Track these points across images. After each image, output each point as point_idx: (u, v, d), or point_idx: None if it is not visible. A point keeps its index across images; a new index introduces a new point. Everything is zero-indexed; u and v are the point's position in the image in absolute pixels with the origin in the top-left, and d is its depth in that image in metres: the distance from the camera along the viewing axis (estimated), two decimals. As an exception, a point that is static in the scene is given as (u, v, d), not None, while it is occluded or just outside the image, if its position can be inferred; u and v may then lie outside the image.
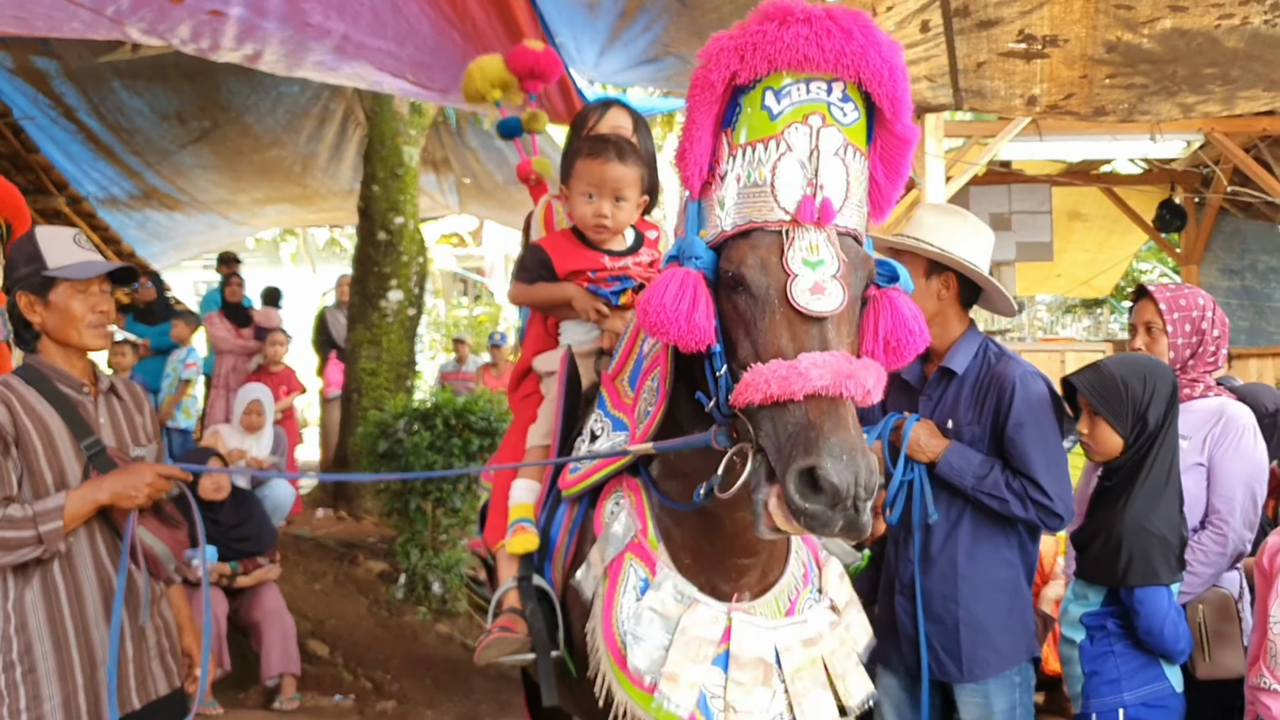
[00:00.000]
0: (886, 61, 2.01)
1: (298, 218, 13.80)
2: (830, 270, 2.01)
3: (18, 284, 2.98)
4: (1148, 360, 3.26)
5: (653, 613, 2.42)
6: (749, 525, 2.27)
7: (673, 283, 2.07)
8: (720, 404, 2.12)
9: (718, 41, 2.05)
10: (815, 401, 1.91)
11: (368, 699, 5.88)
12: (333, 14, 5.18)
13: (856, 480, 1.85)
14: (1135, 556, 3.02)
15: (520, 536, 2.77)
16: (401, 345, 8.26)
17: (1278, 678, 2.68)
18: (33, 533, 2.75)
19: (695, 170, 2.13)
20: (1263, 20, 4.67)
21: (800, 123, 2.02)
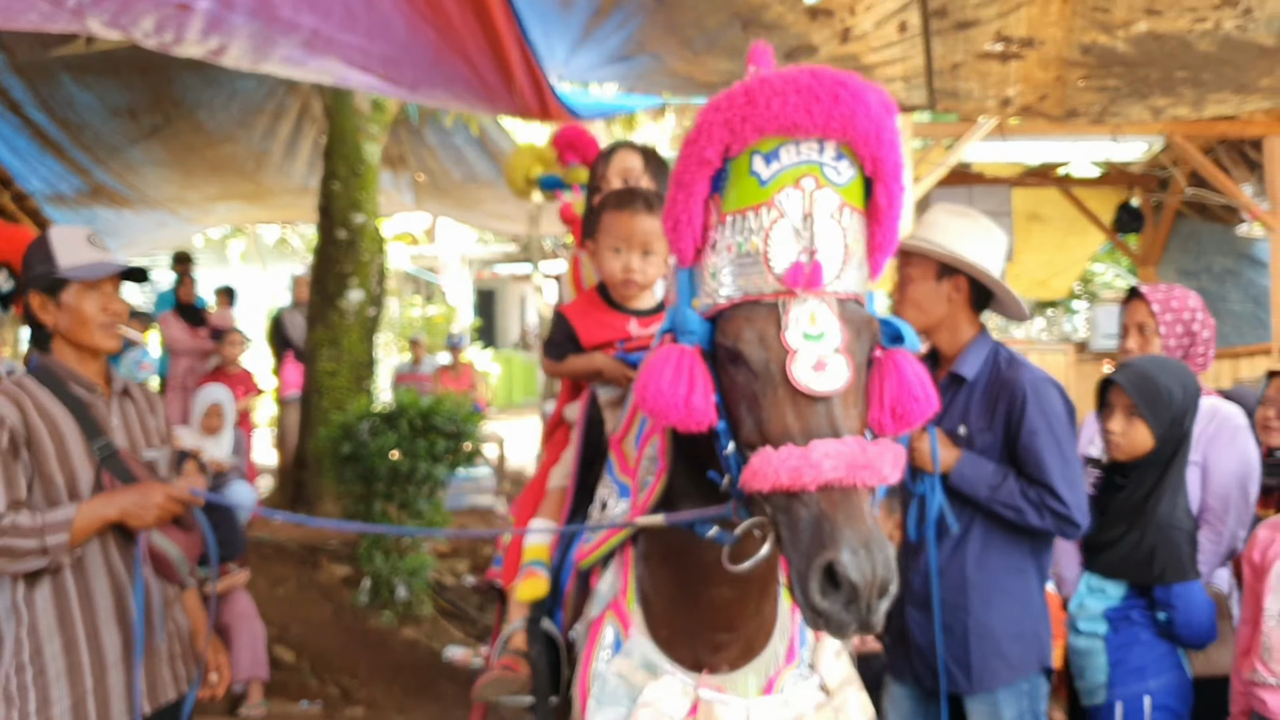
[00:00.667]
0: (874, 121, 1.94)
1: (249, 215, 13.61)
2: (832, 343, 1.92)
3: (31, 284, 2.97)
4: (1180, 365, 3.29)
5: (618, 678, 2.37)
6: (729, 602, 2.32)
7: (668, 365, 1.99)
8: (734, 481, 2.02)
9: (706, 113, 1.99)
10: (828, 493, 1.82)
11: (335, 705, 5.78)
12: (303, 8, 5.06)
13: (874, 573, 1.77)
14: (1170, 555, 3.11)
15: (530, 582, 2.75)
16: (362, 345, 8.14)
17: (1274, 672, 2.70)
18: (38, 543, 2.73)
19: (689, 240, 2.05)
20: (1234, 25, 4.71)
21: (792, 186, 1.94)
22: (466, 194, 12.48)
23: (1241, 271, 12.12)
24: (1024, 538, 3.22)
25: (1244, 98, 5.62)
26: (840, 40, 5.01)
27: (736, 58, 5.39)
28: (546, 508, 2.98)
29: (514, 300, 30.48)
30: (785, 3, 4.75)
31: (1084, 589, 3.28)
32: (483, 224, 16.74)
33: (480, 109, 6.39)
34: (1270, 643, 2.74)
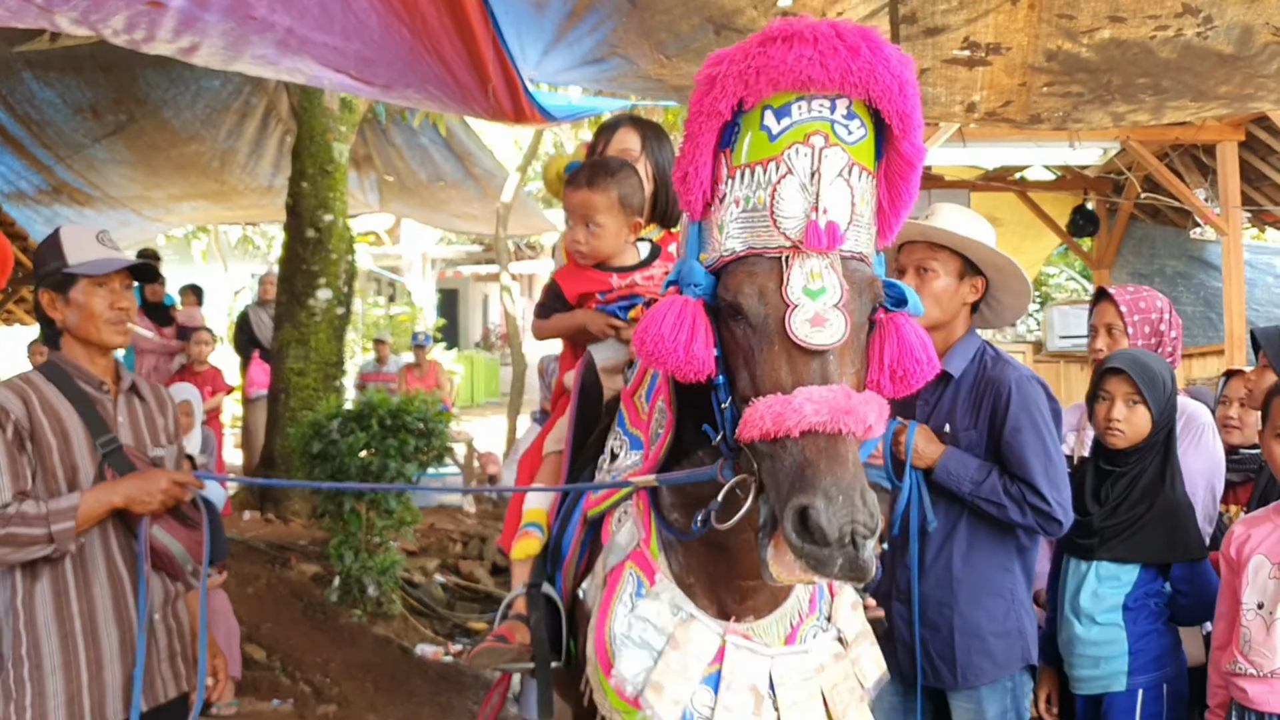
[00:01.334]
0: (896, 76, 1.92)
1: (214, 214, 13.56)
2: (832, 299, 1.93)
3: (41, 281, 3.02)
4: (1157, 355, 3.40)
5: (645, 622, 2.35)
6: (753, 547, 2.23)
7: (670, 311, 2.01)
8: (727, 436, 2.05)
9: (720, 65, 1.97)
10: (812, 439, 1.84)
11: (307, 703, 5.79)
12: (279, 7, 5.07)
13: (853, 520, 1.78)
14: (1190, 531, 3.23)
15: (525, 541, 2.78)
16: (330, 345, 8.14)
17: (1253, 663, 2.80)
18: (44, 530, 2.75)
19: (698, 193, 2.05)
20: (1195, 33, 4.84)
21: (801, 143, 1.93)
22: (432, 194, 12.50)
23: (1193, 274, 12.38)
24: (1010, 536, 3.25)
25: (1202, 105, 5.76)
26: (811, 45, 5.08)
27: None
28: (543, 473, 3.00)
29: (476, 300, 30.45)
30: (759, 8, 4.82)
31: (1094, 579, 3.33)
32: (447, 224, 16.76)
33: (453, 110, 6.41)
34: (1250, 634, 2.84)
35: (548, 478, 2.94)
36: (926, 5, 4.75)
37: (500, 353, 25.42)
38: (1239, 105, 5.95)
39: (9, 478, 2.80)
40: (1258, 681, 2.79)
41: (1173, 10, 4.65)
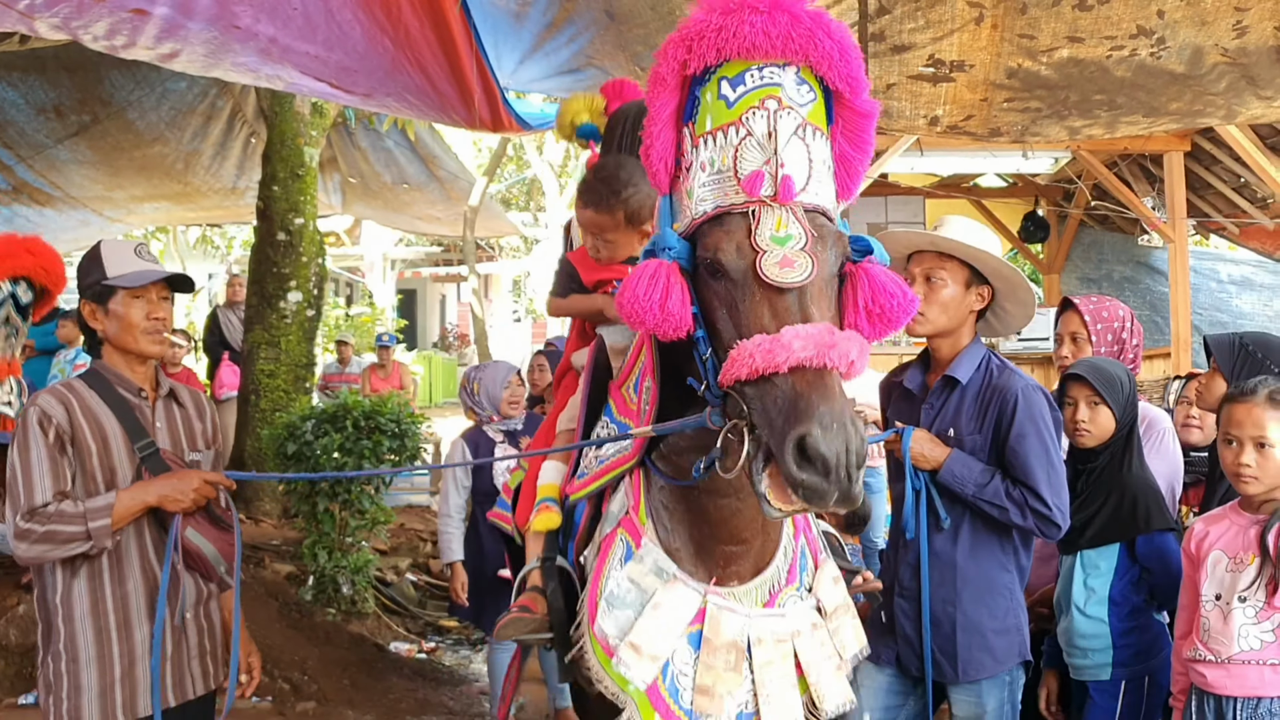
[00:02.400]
0: (836, 42, 2.04)
1: (176, 215, 13.51)
2: (798, 244, 2.03)
3: (83, 293, 3.12)
4: (1114, 360, 3.61)
5: (630, 582, 2.44)
6: (735, 512, 2.40)
7: (645, 273, 2.10)
8: (711, 386, 2.14)
9: (667, 41, 2.10)
10: (800, 373, 1.92)
11: (286, 700, 5.86)
12: (263, 17, 5.15)
13: (847, 448, 1.85)
14: (1151, 502, 3.42)
15: (544, 515, 2.85)
16: (300, 347, 8.21)
17: (1212, 650, 2.99)
18: (82, 528, 2.86)
19: (661, 164, 2.17)
20: (1149, 53, 5.07)
21: (757, 107, 2.05)
22: (396, 196, 12.55)
23: (1140, 279, 12.72)
24: (1008, 536, 3.35)
25: (1154, 120, 6.00)
26: (783, 60, 5.25)
27: (683, 73, 5.63)
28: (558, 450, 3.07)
29: (434, 301, 30.43)
30: None
31: (1080, 570, 3.50)
32: (410, 226, 16.78)
33: (431, 118, 6.52)
34: (1209, 624, 3.01)
35: (560, 455, 3.01)
36: (894, 24, 4.94)
37: (458, 353, 25.50)
38: (1189, 121, 6.20)
39: (50, 479, 2.90)
40: (1215, 667, 2.98)
41: (1128, 32, 4.88)
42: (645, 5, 4.96)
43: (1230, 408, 3.08)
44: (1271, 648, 2.91)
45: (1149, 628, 3.51)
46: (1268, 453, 2.97)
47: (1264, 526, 2.96)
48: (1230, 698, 2.94)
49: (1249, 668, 2.92)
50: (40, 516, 2.86)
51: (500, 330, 24.85)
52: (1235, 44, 4.97)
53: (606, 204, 3.01)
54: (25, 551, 2.88)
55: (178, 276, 3.20)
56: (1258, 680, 2.91)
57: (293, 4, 5.10)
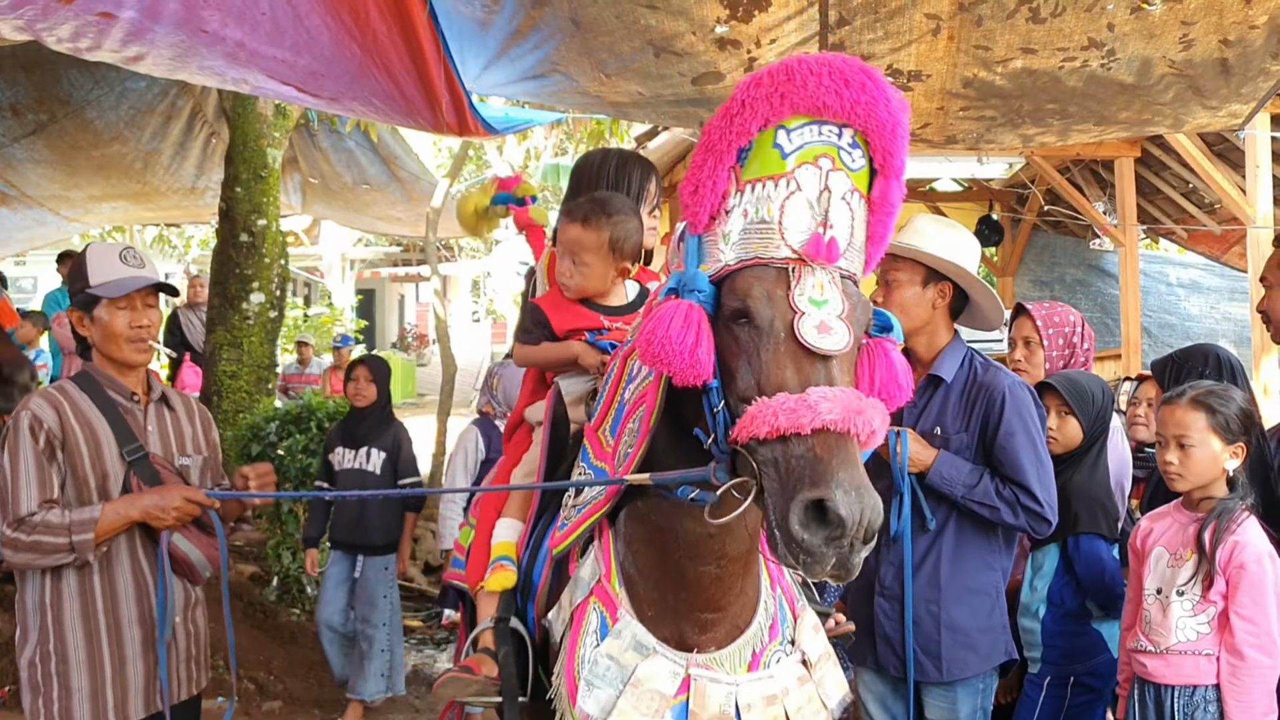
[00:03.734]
0: (894, 116, 2.04)
1: (134, 215, 13.43)
2: (836, 310, 2.01)
3: (72, 300, 3.15)
4: (1094, 374, 3.75)
5: (609, 659, 2.36)
6: (715, 580, 2.37)
7: (676, 316, 2.05)
8: (719, 440, 2.09)
9: (750, 88, 2.06)
10: (823, 437, 1.88)
11: (252, 700, 5.90)
12: (231, 22, 5.16)
13: (863, 517, 1.83)
14: (1081, 511, 3.55)
15: (499, 574, 2.77)
16: (263, 348, 8.22)
17: (1153, 640, 3.14)
18: (66, 540, 2.89)
19: (705, 207, 2.12)
20: (1099, 64, 5.22)
21: (811, 164, 2.03)
22: (356, 197, 12.54)
23: (1091, 281, 12.97)
24: (993, 536, 3.38)
25: (1104, 128, 6.18)
26: (745, 68, 5.35)
27: (646, 80, 5.71)
28: (511, 507, 2.96)
29: (393, 301, 30.32)
30: (697, 33, 5.08)
31: (1030, 572, 3.67)
32: (370, 227, 16.75)
33: (397, 122, 6.55)
34: (1150, 616, 3.17)
35: (516, 512, 2.92)
36: (854, 34, 5.05)
37: (417, 354, 25.45)
38: (1138, 129, 6.39)
39: (37, 487, 2.92)
40: (1155, 657, 3.13)
41: (1079, 44, 5.03)
42: (610, 15, 5.03)
43: (1161, 410, 3.24)
44: (1206, 639, 3.07)
45: (1082, 633, 3.63)
46: (1190, 451, 3.13)
47: (1201, 524, 3.10)
48: (1169, 686, 3.10)
49: (1186, 658, 3.08)
50: (26, 526, 2.88)
51: (460, 330, 24.82)
52: (1182, 56, 5.14)
53: (594, 222, 2.95)
54: (12, 559, 2.92)
55: (163, 285, 3.20)
56: (1193, 670, 3.07)
57: (261, 9, 5.12)
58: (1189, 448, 3.13)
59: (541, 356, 3.08)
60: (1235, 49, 5.09)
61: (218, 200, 11.53)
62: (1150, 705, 3.12)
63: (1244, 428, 3.17)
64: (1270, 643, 3.01)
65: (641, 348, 2.11)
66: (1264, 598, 3.00)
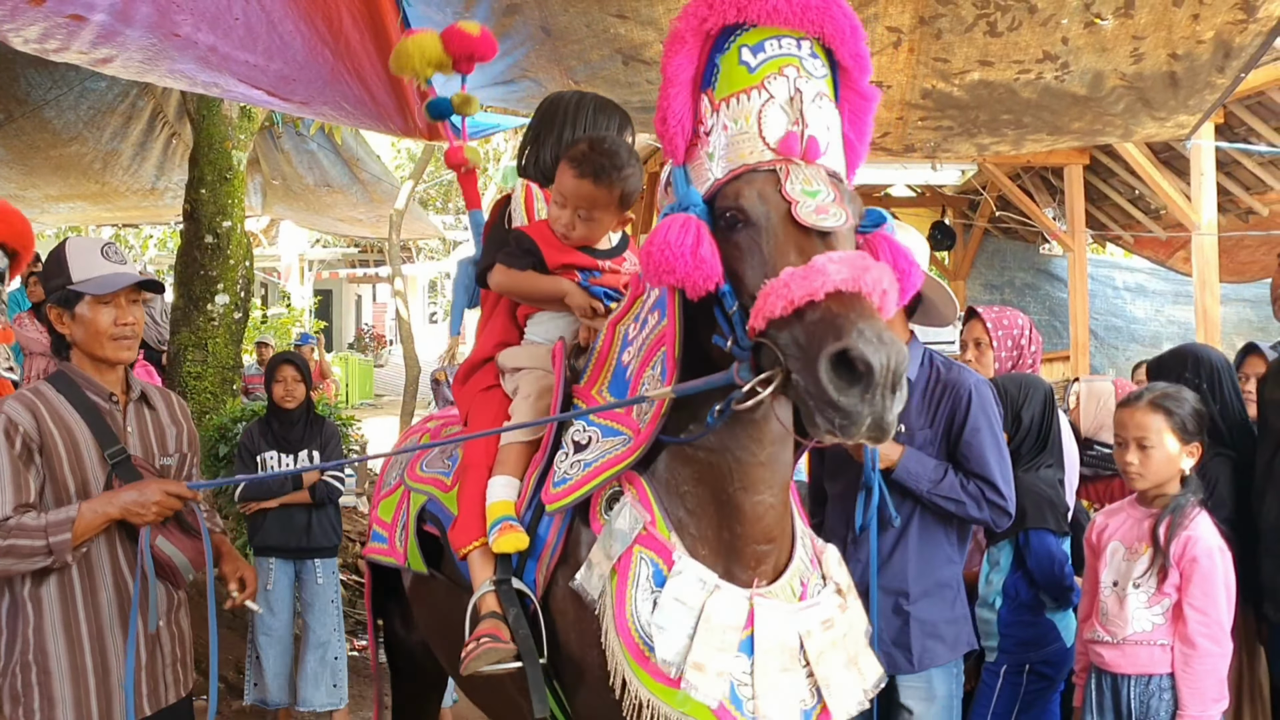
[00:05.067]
0: (848, 19, 2.11)
1: (92, 215, 13.30)
2: (828, 198, 2.04)
3: (48, 296, 3.02)
4: (1028, 375, 3.89)
5: (676, 602, 2.30)
6: (769, 508, 2.37)
7: (674, 225, 2.08)
8: (739, 339, 2.09)
9: (699, 8, 2.12)
10: (838, 298, 1.89)
11: (224, 698, 5.92)
12: (204, 26, 5.20)
13: (889, 360, 1.83)
14: (1030, 504, 3.65)
15: (511, 535, 2.61)
16: (228, 350, 8.21)
17: (1109, 631, 3.30)
18: (43, 542, 2.78)
19: (678, 131, 2.16)
20: (1053, 76, 5.41)
21: (777, 74, 2.08)
22: (318, 198, 12.55)
23: (1040, 285, 13.28)
24: (953, 530, 3.45)
25: (1057, 138, 6.38)
26: (712, 77, 5.48)
27: (615, 87, 5.82)
28: (506, 463, 2.78)
29: (350, 301, 30.20)
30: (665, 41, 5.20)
31: (986, 566, 3.81)
32: (331, 228, 16.74)
33: (368, 126, 6.59)
34: (1106, 608, 3.32)
35: (512, 469, 2.76)
36: (818, 46, 5.21)
37: (374, 354, 25.41)
38: (1089, 138, 6.59)
39: (11, 490, 2.81)
40: (1112, 648, 3.28)
41: (1035, 56, 5.21)
42: (581, 24, 5.15)
43: (1119, 412, 3.40)
44: (1161, 629, 3.22)
45: (1036, 623, 3.78)
46: (1149, 452, 3.29)
47: (1155, 519, 3.26)
48: (1125, 675, 3.25)
49: (1141, 648, 3.23)
50: (1, 530, 2.76)
51: (417, 330, 24.78)
52: (1133, 69, 5.33)
53: (608, 177, 2.83)
54: None
55: (146, 281, 3.08)
56: (1148, 659, 3.22)
57: (234, 15, 5.18)
58: (1149, 449, 3.28)
59: (529, 286, 2.93)
60: (1183, 63, 5.29)
61: (178, 201, 11.54)
62: (1107, 694, 3.27)
63: (1198, 427, 3.33)
64: (1220, 632, 3.17)
65: (645, 263, 2.13)
66: (1214, 590, 3.15)
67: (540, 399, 2.85)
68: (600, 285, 2.92)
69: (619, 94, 5.93)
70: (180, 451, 3.21)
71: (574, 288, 2.88)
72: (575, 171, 2.83)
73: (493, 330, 3.09)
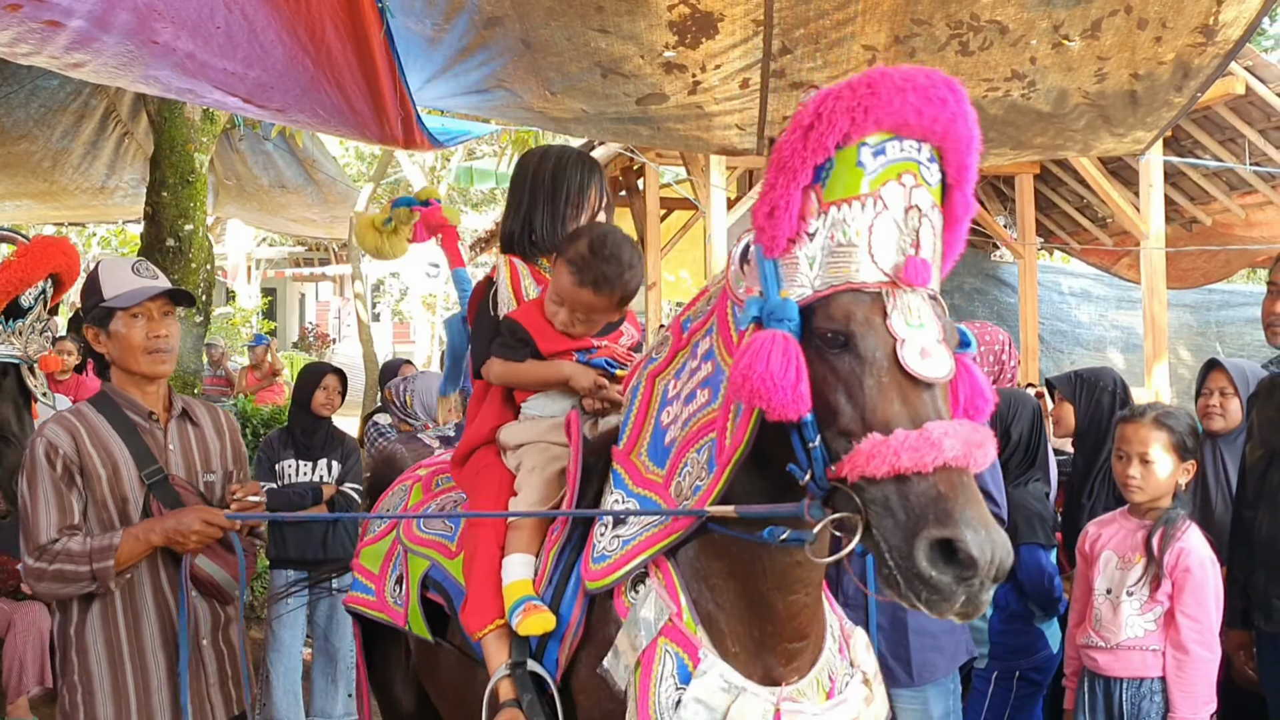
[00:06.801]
0: (970, 131, 1.99)
1: (38, 214, 13.08)
2: (933, 334, 1.94)
3: (85, 317, 3.06)
4: (1017, 392, 4.02)
5: (697, 703, 2.21)
6: (804, 608, 2.30)
7: (775, 349, 1.94)
8: (817, 477, 1.98)
9: (827, 101, 1.96)
10: (946, 473, 1.81)
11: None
12: (183, 34, 5.18)
13: (994, 555, 1.79)
14: (1019, 522, 3.80)
15: (537, 616, 2.51)
16: (190, 355, 8.12)
17: (1103, 636, 3.44)
18: (87, 569, 2.82)
19: (783, 230, 2.00)
20: (1020, 94, 5.57)
21: (895, 181, 1.94)
22: (271, 199, 12.45)
23: (988, 290, 13.53)
24: None
25: (1020, 151, 6.56)
26: (689, 91, 5.58)
27: (591, 99, 5.89)
28: (519, 540, 2.70)
29: (294, 300, 29.90)
30: (645, 56, 5.27)
31: None
32: (284, 228, 16.59)
33: (344, 134, 6.61)
34: (1100, 614, 3.46)
35: (525, 545, 2.69)
36: (795, 63, 5.31)
37: (318, 353, 25.19)
38: (1050, 152, 6.79)
39: (56, 514, 2.85)
40: (1105, 652, 3.43)
41: (1004, 75, 5.36)
42: (562, 37, 5.20)
43: (1122, 427, 3.54)
44: (1153, 635, 3.37)
45: (1026, 631, 3.94)
46: (1150, 467, 3.44)
47: (1149, 530, 3.41)
48: (1117, 679, 3.40)
49: (1134, 652, 3.38)
50: (48, 554, 2.82)
51: (360, 330, 24.73)
52: (1096, 88, 5.51)
53: (609, 287, 2.78)
54: (37, 588, 2.88)
55: (178, 291, 3.12)
56: (1140, 663, 3.37)
57: (216, 23, 5.16)
58: (1150, 464, 3.44)
59: (530, 376, 2.88)
60: (1144, 82, 5.48)
61: (128, 200, 11.44)
62: (1100, 696, 3.42)
63: (1195, 445, 3.50)
64: (1211, 638, 3.32)
65: (737, 383, 2.00)
66: (1206, 598, 3.31)
67: (547, 469, 2.79)
68: (599, 357, 2.90)
69: (594, 104, 5.99)
70: (225, 468, 3.21)
71: (576, 369, 2.84)
72: (575, 280, 2.77)
73: (488, 414, 3.03)
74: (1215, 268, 11.57)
